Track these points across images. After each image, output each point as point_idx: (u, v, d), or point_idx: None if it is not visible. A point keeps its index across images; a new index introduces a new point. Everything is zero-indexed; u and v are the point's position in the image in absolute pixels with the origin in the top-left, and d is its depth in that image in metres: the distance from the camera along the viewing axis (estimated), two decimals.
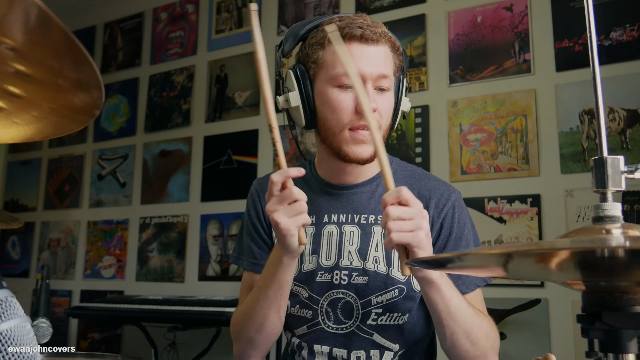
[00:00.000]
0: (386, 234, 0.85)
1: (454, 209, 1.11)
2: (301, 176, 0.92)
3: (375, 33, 1.03)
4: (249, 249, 1.18)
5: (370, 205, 1.11)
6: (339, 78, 1.02)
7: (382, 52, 1.04)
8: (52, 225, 3.62)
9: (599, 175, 0.56)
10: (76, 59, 0.45)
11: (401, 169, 1.17)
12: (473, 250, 0.57)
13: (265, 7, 3.07)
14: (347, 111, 1.02)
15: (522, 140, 2.28)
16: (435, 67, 2.51)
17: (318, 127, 1.09)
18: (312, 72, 1.06)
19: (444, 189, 1.13)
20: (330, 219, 1.12)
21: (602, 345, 0.53)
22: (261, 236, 1.18)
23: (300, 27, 1.10)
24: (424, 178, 1.15)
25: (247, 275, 1.19)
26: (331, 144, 1.06)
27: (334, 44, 0.91)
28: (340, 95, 1.02)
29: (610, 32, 2.17)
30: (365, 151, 1.04)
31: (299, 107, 1.07)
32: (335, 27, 0.94)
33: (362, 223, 1.10)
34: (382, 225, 0.86)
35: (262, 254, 1.16)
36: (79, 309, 2.65)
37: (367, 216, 1.10)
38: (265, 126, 2.93)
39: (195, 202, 3.10)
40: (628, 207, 2.01)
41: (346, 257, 1.09)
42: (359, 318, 1.07)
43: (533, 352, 2.09)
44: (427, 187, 1.13)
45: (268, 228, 1.18)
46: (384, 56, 1.04)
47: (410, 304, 1.08)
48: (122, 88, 3.52)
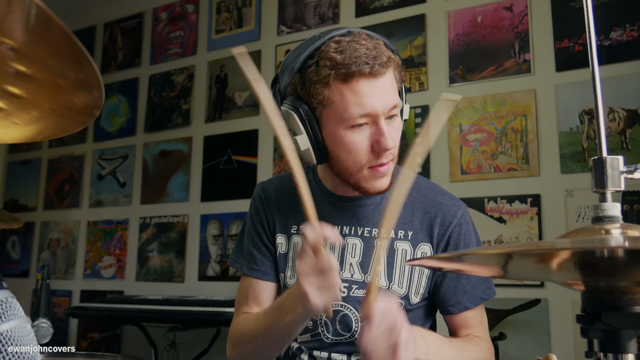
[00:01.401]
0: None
1: (460, 227, 1.09)
2: (332, 239, 0.86)
3: (383, 64, 0.95)
4: (249, 253, 1.17)
5: (374, 218, 1.09)
6: (351, 120, 0.95)
7: (388, 80, 0.97)
8: (52, 225, 3.62)
9: (598, 175, 0.56)
10: (76, 59, 0.45)
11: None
12: (473, 250, 0.57)
13: (265, 7, 3.07)
14: (363, 151, 0.97)
15: (522, 140, 2.28)
16: (435, 67, 2.51)
17: (331, 164, 1.04)
18: (318, 112, 0.99)
19: (450, 205, 1.10)
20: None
21: (601, 345, 0.53)
22: (263, 242, 1.16)
23: (293, 58, 1.00)
24: (430, 191, 1.13)
25: (245, 279, 1.18)
26: (347, 180, 1.03)
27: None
28: (355, 137, 0.97)
29: (610, 32, 2.17)
30: (384, 183, 1.01)
31: (308, 150, 1.00)
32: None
33: (365, 236, 1.09)
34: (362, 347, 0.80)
35: (263, 260, 1.15)
36: (79, 309, 2.65)
37: (371, 229, 1.09)
38: (265, 126, 2.93)
39: (195, 202, 3.10)
40: (628, 207, 2.01)
41: (347, 270, 1.08)
42: (357, 331, 1.06)
43: (533, 352, 2.09)
44: (432, 203, 1.10)
45: (271, 234, 1.16)
46: (391, 84, 0.97)
47: (408, 316, 1.08)
48: (122, 88, 3.52)
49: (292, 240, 1.13)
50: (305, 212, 0.87)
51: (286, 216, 1.15)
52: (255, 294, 1.15)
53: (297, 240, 1.13)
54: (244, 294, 1.16)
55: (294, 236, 1.13)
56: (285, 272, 1.13)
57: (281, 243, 1.15)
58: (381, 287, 1.06)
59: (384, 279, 1.07)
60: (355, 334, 1.06)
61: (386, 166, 0.99)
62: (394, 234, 1.08)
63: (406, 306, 1.07)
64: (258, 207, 1.18)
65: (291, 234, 1.14)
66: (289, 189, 1.17)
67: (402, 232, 1.09)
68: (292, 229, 1.14)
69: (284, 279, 1.14)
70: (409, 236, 1.09)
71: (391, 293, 1.06)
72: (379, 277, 1.04)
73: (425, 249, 1.08)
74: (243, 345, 1.08)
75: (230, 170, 3.00)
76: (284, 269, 1.14)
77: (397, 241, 1.08)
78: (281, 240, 1.15)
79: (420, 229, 1.09)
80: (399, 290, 1.07)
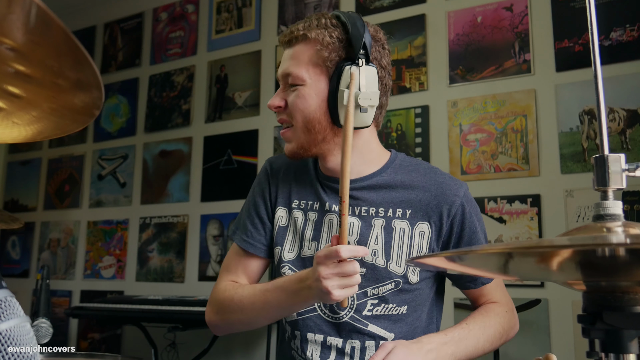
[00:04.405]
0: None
1: (463, 207, 1.10)
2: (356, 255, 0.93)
3: (295, 37, 1.08)
4: (244, 225, 1.21)
5: (371, 199, 1.11)
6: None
7: (297, 51, 1.08)
8: (52, 225, 3.62)
9: (599, 173, 0.56)
10: (76, 59, 0.45)
11: (406, 163, 1.16)
12: (473, 249, 0.57)
13: (265, 7, 3.07)
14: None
15: (522, 140, 2.28)
16: (435, 67, 2.51)
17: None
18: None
19: (451, 184, 1.12)
20: (332, 208, 1.13)
21: (603, 345, 0.52)
22: (260, 216, 1.19)
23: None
24: (429, 172, 1.14)
25: (235, 249, 1.21)
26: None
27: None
28: None
29: (610, 32, 2.17)
30: (286, 148, 1.13)
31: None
32: None
33: (362, 215, 1.11)
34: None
35: (255, 235, 1.18)
36: (79, 309, 2.64)
37: (368, 208, 1.11)
38: (265, 126, 2.93)
39: (195, 202, 3.10)
40: (628, 207, 2.01)
41: None
42: (353, 307, 1.08)
43: (533, 352, 2.09)
44: (433, 182, 1.12)
45: (272, 207, 1.19)
46: (297, 55, 1.08)
47: (406, 296, 1.09)
48: (122, 88, 3.52)
49: (292, 214, 1.16)
50: (343, 236, 0.92)
51: (289, 190, 1.18)
52: (245, 266, 1.19)
53: (297, 215, 1.15)
54: (234, 262, 1.20)
55: (295, 210, 1.16)
56: (283, 245, 1.15)
57: (281, 216, 1.17)
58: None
59: (382, 257, 1.08)
60: (351, 312, 1.08)
61: (284, 130, 1.12)
62: (392, 212, 1.10)
63: (405, 286, 1.08)
64: (262, 180, 1.22)
65: (292, 207, 1.17)
66: (296, 165, 1.21)
67: (400, 211, 1.10)
68: (294, 203, 1.17)
69: (280, 252, 1.15)
70: (407, 215, 1.09)
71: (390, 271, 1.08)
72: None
73: (423, 227, 1.09)
74: (232, 313, 1.11)
75: (231, 171, 3.00)
76: (282, 242, 1.16)
77: (395, 220, 1.09)
78: (282, 213, 1.17)
79: (419, 208, 1.09)
80: (397, 269, 1.08)
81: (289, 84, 1.08)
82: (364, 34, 1.03)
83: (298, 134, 1.09)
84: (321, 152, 1.11)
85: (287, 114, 1.10)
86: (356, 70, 1.03)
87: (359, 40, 1.03)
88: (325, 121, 1.07)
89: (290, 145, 1.11)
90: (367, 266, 1.07)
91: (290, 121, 1.10)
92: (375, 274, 1.07)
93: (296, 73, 1.06)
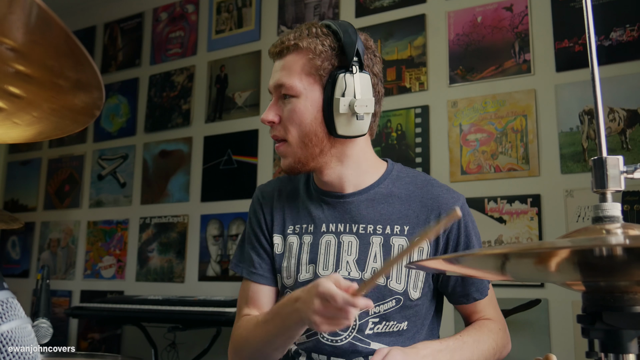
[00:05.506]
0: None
1: (459, 222, 1.10)
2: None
3: (285, 48, 1.07)
4: (249, 257, 1.18)
5: (368, 215, 1.10)
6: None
7: (288, 62, 1.07)
8: (52, 225, 3.62)
9: (598, 175, 0.56)
10: (76, 59, 0.45)
11: (403, 174, 1.15)
12: (471, 252, 0.57)
13: (265, 7, 3.07)
14: None
15: (522, 140, 2.28)
16: (435, 67, 2.51)
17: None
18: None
19: (448, 197, 1.12)
20: (329, 229, 1.11)
21: (602, 345, 0.53)
22: (261, 244, 1.17)
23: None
24: (427, 184, 1.14)
25: (245, 283, 1.19)
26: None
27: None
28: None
29: (610, 32, 2.17)
30: (283, 164, 1.11)
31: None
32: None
33: (360, 233, 1.10)
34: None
35: (262, 264, 1.16)
36: (79, 309, 2.65)
37: (366, 226, 1.10)
38: (265, 126, 2.92)
39: (195, 202, 3.10)
40: (628, 207, 2.01)
41: (344, 268, 1.08)
42: (355, 328, 1.07)
43: (533, 352, 2.09)
44: (430, 196, 1.11)
45: (269, 235, 1.18)
46: (289, 66, 1.06)
47: (407, 312, 1.08)
48: (122, 88, 3.52)
49: (287, 240, 1.15)
50: (359, 288, 0.85)
51: (283, 216, 1.17)
52: (255, 297, 1.17)
53: (292, 240, 1.14)
54: (245, 296, 1.18)
55: (290, 236, 1.15)
56: (282, 272, 1.14)
57: (277, 243, 1.16)
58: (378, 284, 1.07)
59: (382, 275, 1.07)
60: (354, 332, 1.07)
61: (278, 145, 1.09)
62: (390, 229, 1.09)
63: (406, 302, 1.07)
64: (256, 209, 1.20)
65: (287, 234, 1.15)
66: (287, 190, 1.19)
67: (398, 228, 1.09)
68: (289, 229, 1.15)
69: (281, 279, 1.15)
70: (405, 231, 1.09)
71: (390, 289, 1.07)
72: (379, 279, 1.04)
73: (422, 244, 1.09)
74: (245, 350, 1.09)
75: (231, 171, 3.00)
76: (280, 270, 1.15)
77: (393, 237, 1.09)
78: (277, 240, 1.16)
79: (417, 224, 1.09)
80: (398, 287, 1.07)
81: (282, 94, 1.07)
82: (357, 41, 1.03)
83: (294, 149, 1.07)
84: (318, 165, 1.09)
85: (281, 128, 1.08)
86: (350, 77, 1.03)
87: (352, 47, 1.03)
88: (322, 132, 1.06)
89: (287, 160, 1.09)
90: None
91: (284, 136, 1.08)
92: (376, 292, 1.06)
93: (289, 83, 1.05)
